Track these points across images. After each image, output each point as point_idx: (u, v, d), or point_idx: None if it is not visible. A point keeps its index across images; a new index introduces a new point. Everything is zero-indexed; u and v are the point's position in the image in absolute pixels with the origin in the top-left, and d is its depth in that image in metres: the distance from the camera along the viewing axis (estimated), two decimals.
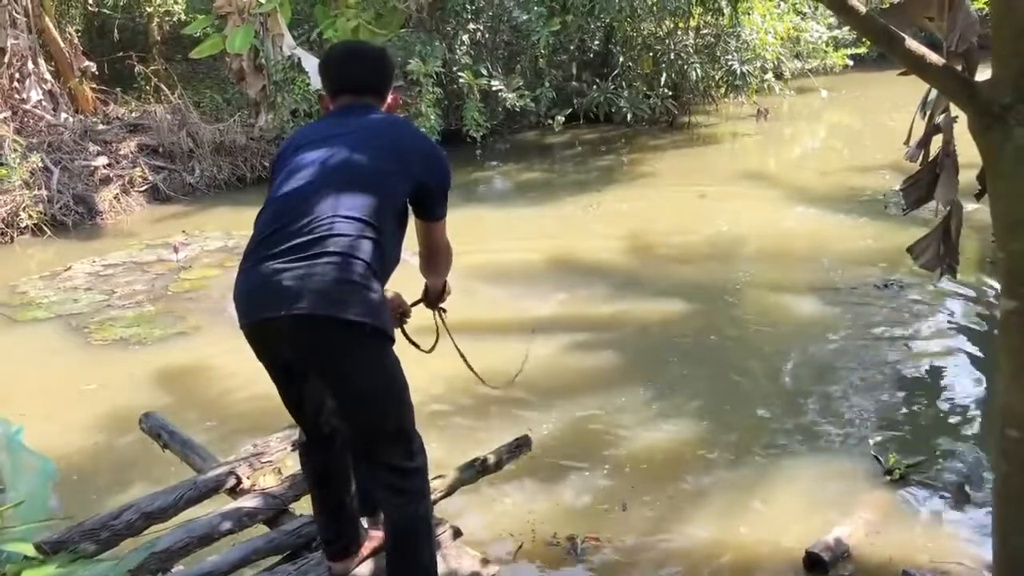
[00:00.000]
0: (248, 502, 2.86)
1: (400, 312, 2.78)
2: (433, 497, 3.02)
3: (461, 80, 10.51)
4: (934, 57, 2.38)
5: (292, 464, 3.09)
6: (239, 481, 2.98)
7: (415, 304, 2.85)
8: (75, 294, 6.64)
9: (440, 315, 2.89)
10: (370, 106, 2.52)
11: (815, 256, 6.69)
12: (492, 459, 3.20)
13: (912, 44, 2.37)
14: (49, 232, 8.38)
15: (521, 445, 3.32)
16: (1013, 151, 2.25)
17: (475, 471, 3.17)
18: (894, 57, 2.42)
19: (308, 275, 2.16)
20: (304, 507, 2.96)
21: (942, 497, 3.57)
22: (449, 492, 3.11)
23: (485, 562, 2.71)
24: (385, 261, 2.30)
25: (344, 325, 2.16)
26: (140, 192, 9.43)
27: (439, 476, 3.10)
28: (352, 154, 2.37)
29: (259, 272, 2.22)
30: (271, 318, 2.19)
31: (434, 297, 2.84)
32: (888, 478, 3.67)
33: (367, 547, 2.64)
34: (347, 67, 2.57)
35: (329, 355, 2.25)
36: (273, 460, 3.09)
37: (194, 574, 2.57)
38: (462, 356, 2.97)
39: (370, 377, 2.28)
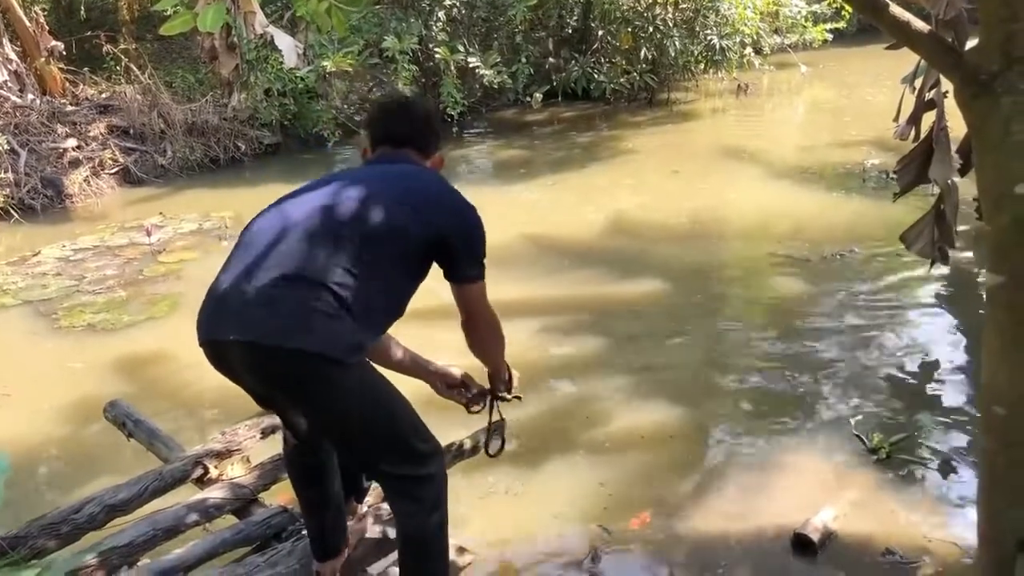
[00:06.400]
0: (215, 493, 2.77)
1: (466, 400, 2.69)
2: None
3: (437, 56, 10.33)
4: (919, 24, 2.30)
5: (261, 453, 3.01)
6: (206, 471, 2.90)
7: (485, 395, 2.70)
8: (44, 280, 6.48)
9: (496, 403, 2.75)
10: (407, 158, 2.40)
11: (795, 232, 6.63)
12: (469, 444, 3.12)
13: (897, 11, 2.28)
14: (16, 216, 8.18)
15: (497, 429, 3.23)
16: (1000, 121, 2.18)
17: (451, 456, 3.08)
18: (879, 24, 2.34)
19: (265, 298, 2.03)
20: (272, 498, 2.89)
21: (927, 474, 3.52)
22: None
23: (461, 550, 2.66)
24: (368, 300, 2.10)
25: (295, 355, 2.00)
26: (111, 175, 9.23)
27: None
28: (357, 185, 2.23)
29: (220, 290, 2.11)
30: (221, 341, 2.07)
31: (499, 385, 2.67)
32: (873, 457, 3.62)
33: (352, 539, 2.57)
34: (390, 119, 2.47)
35: (287, 385, 2.10)
36: (242, 449, 3.00)
37: (159, 567, 2.48)
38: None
39: (339, 406, 2.11)
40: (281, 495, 2.98)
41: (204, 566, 2.55)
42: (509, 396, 2.74)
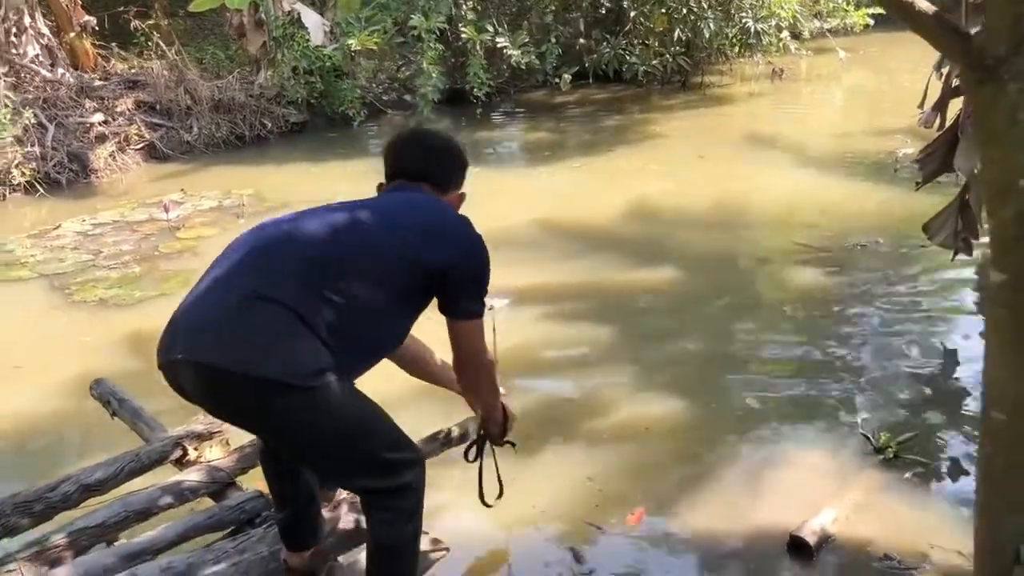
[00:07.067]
0: (192, 476, 2.73)
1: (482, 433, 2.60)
2: None
3: (464, 36, 10.22)
4: (924, 4, 2.17)
5: (241, 436, 2.96)
6: (185, 452, 2.86)
7: (482, 439, 2.61)
8: (61, 253, 6.53)
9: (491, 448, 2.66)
10: (420, 191, 2.27)
11: (819, 221, 6.46)
12: (456, 431, 3.05)
13: None
14: (41, 190, 8.25)
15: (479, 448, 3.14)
16: (1006, 109, 2.04)
17: (438, 444, 3.02)
18: (880, 4, 2.22)
19: (224, 318, 1.94)
20: (250, 482, 2.84)
21: (934, 476, 3.38)
22: None
23: (436, 542, 2.59)
24: (348, 326, 1.99)
25: (252, 381, 1.88)
26: (136, 150, 9.28)
27: None
28: (349, 211, 2.14)
29: (182, 307, 2.03)
30: (172, 360, 1.97)
31: (494, 429, 2.56)
32: (879, 457, 3.49)
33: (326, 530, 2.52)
34: (407, 151, 2.35)
35: (246, 412, 2.00)
36: (223, 431, 2.96)
37: (128, 550, 2.44)
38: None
39: (304, 432, 1.99)
40: (259, 479, 2.94)
41: (174, 550, 2.51)
42: (502, 442, 2.62)
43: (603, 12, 12.30)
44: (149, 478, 2.81)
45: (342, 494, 2.68)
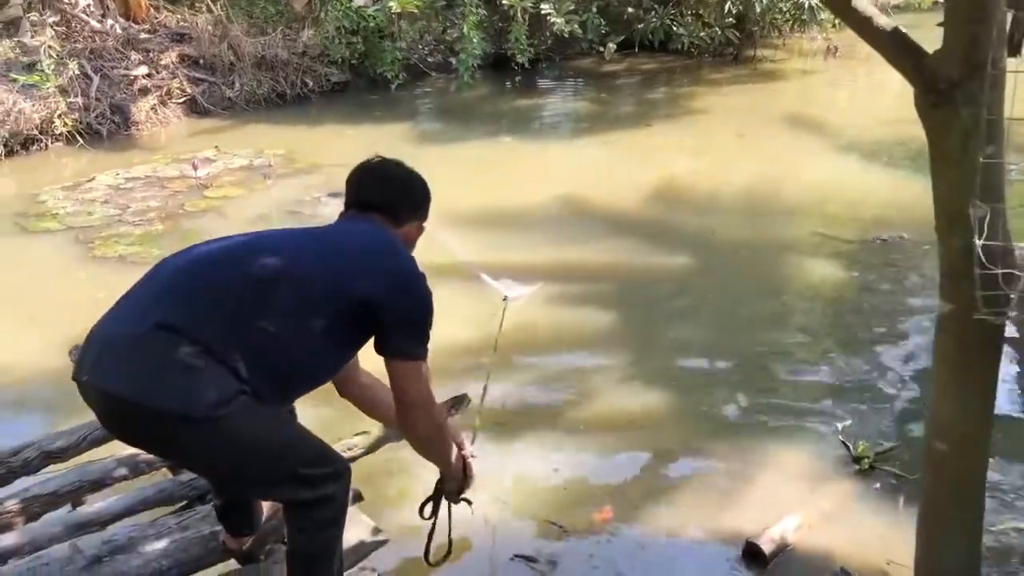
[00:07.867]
0: None
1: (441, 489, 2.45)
2: (353, 454, 2.92)
3: (507, 1, 10.09)
4: (882, 21, 2.10)
5: None
6: None
7: (439, 494, 2.46)
8: (91, 207, 6.66)
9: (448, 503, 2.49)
10: (370, 221, 2.19)
11: (846, 211, 6.31)
12: None
13: (861, 5, 2.09)
14: (82, 141, 8.41)
15: (457, 404, 3.16)
16: (959, 135, 1.98)
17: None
18: (839, 17, 2.15)
19: (129, 347, 1.90)
20: None
21: (907, 490, 3.27)
22: (371, 450, 2.99)
23: (376, 531, 2.60)
24: (257, 357, 1.93)
25: (152, 413, 1.84)
26: (178, 104, 9.39)
27: (362, 432, 2.99)
28: (273, 239, 2.11)
29: (98, 327, 2.00)
30: (79, 381, 1.95)
31: (450, 485, 2.41)
32: (856, 466, 3.43)
33: (268, 511, 2.55)
34: (365, 181, 2.27)
35: (149, 444, 2.02)
36: None
37: (77, 520, 2.51)
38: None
39: (209, 461, 1.98)
40: None
41: (121, 523, 2.57)
42: (458, 499, 2.49)
43: None
44: (111, 448, 2.87)
45: None
